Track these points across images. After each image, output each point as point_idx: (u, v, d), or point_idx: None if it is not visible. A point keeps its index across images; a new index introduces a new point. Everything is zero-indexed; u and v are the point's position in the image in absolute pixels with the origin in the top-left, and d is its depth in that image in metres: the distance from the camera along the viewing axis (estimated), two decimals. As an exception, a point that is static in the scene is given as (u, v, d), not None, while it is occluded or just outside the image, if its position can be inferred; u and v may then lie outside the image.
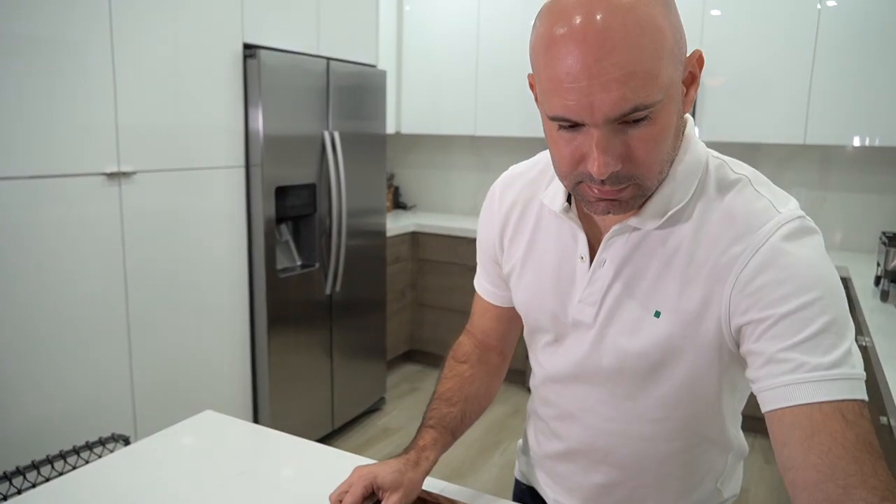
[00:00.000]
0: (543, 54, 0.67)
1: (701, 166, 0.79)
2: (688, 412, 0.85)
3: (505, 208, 0.95)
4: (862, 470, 0.62)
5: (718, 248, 0.74)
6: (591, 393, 0.90)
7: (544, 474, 1.07)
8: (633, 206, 0.74)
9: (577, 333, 0.88)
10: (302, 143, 2.75)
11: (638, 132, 0.67)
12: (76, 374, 2.02)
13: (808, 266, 0.69)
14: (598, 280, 0.84)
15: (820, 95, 3.07)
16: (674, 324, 0.78)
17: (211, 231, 2.47)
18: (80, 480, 1.07)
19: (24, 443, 1.88)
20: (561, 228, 0.89)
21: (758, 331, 0.70)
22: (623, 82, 0.63)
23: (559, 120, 0.68)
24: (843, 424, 0.64)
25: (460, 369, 1.05)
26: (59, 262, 1.95)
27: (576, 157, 0.70)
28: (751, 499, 2.70)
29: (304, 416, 2.92)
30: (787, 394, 0.67)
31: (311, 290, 2.90)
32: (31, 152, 1.85)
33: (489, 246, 0.99)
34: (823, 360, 0.66)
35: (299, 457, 1.16)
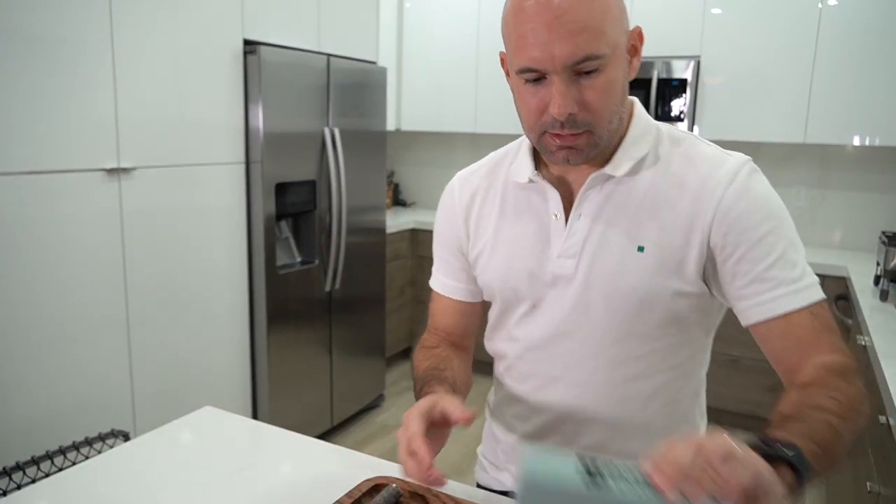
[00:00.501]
0: (513, 19, 0.81)
1: (652, 127, 0.93)
2: (670, 343, 0.92)
3: (466, 199, 1.03)
4: (821, 341, 0.82)
5: (689, 186, 0.87)
6: (576, 349, 0.93)
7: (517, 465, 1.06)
8: (589, 154, 0.85)
9: (556, 291, 0.93)
10: (302, 140, 2.75)
11: (590, 82, 0.80)
12: (75, 370, 2.02)
13: (769, 199, 0.86)
14: (575, 233, 0.91)
15: (820, 94, 3.07)
16: (658, 256, 0.87)
17: (211, 227, 2.47)
18: (80, 476, 1.07)
19: (24, 439, 1.88)
20: (530, 198, 0.96)
21: (738, 252, 0.84)
22: (576, 34, 0.77)
23: (526, 72, 0.81)
24: (811, 318, 0.83)
25: (434, 352, 1.04)
26: (58, 257, 1.95)
27: (540, 107, 0.83)
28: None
29: (304, 413, 2.92)
30: (772, 308, 0.84)
31: (310, 286, 2.89)
32: (30, 148, 1.85)
33: (452, 239, 1.05)
34: (792, 274, 0.84)
35: (298, 453, 1.16)
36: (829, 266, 2.94)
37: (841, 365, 0.81)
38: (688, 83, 3.26)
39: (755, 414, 3.19)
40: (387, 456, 1.07)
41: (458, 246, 1.04)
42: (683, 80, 3.26)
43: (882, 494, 1.50)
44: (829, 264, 2.95)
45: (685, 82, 3.26)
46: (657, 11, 3.34)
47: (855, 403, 0.76)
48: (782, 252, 0.84)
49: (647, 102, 3.33)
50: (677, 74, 3.28)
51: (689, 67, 3.25)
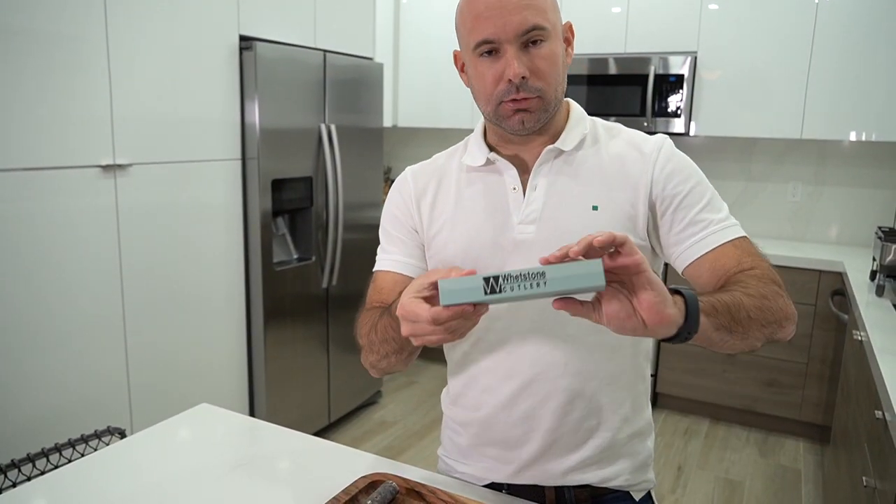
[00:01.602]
0: (467, 6, 0.95)
1: (587, 116, 1.07)
2: None
3: (420, 186, 1.10)
4: (742, 262, 0.94)
5: (626, 157, 1.01)
6: (543, 305, 0.96)
7: (490, 447, 1.07)
8: (540, 118, 0.96)
9: (519, 257, 1.00)
10: (298, 136, 2.74)
11: (537, 51, 0.93)
12: (71, 367, 2.02)
13: (688, 160, 1.02)
14: (533, 202, 1.01)
15: (817, 90, 3.07)
16: (611, 212, 0.98)
17: (207, 224, 2.47)
18: (76, 473, 1.07)
19: (20, 436, 1.87)
20: (486, 178, 1.05)
21: (675, 201, 0.98)
22: (524, 9, 0.91)
23: (483, 44, 0.93)
24: (734, 248, 0.96)
25: (380, 308, 1.04)
26: (53, 254, 1.94)
27: (497, 76, 0.94)
28: (746, 491, 2.71)
29: (301, 410, 2.92)
30: (703, 245, 0.97)
31: (307, 283, 2.89)
32: (25, 144, 1.84)
33: (405, 219, 1.10)
34: (719, 216, 0.98)
35: (295, 450, 1.16)
36: (825, 261, 2.95)
37: (757, 272, 0.91)
38: (685, 79, 3.25)
39: (752, 409, 3.20)
40: (384, 453, 1.07)
41: (412, 226, 1.10)
42: (680, 75, 3.26)
43: (878, 489, 1.51)
44: (826, 259, 2.96)
45: (682, 78, 3.26)
46: (654, 7, 3.34)
47: (763, 293, 0.87)
48: (710, 199, 0.99)
49: (644, 98, 3.33)
50: (674, 70, 3.28)
51: (686, 63, 3.24)
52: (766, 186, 3.53)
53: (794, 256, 3.01)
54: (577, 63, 3.48)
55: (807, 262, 2.98)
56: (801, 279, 3.00)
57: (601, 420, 1.02)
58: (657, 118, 3.34)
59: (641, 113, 3.35)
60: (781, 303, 0.89)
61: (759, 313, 0.85)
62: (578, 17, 3.51)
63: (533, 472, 1.04)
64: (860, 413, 1.89)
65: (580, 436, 1.02)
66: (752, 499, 2.66)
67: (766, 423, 3.25)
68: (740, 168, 3.58)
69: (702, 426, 3.30)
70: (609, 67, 3.41)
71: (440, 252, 1.06)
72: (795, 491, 2.73)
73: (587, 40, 3.50)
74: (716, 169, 3.62)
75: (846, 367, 2.44)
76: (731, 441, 3.15)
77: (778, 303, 0.88)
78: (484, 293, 0.70)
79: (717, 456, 3.00)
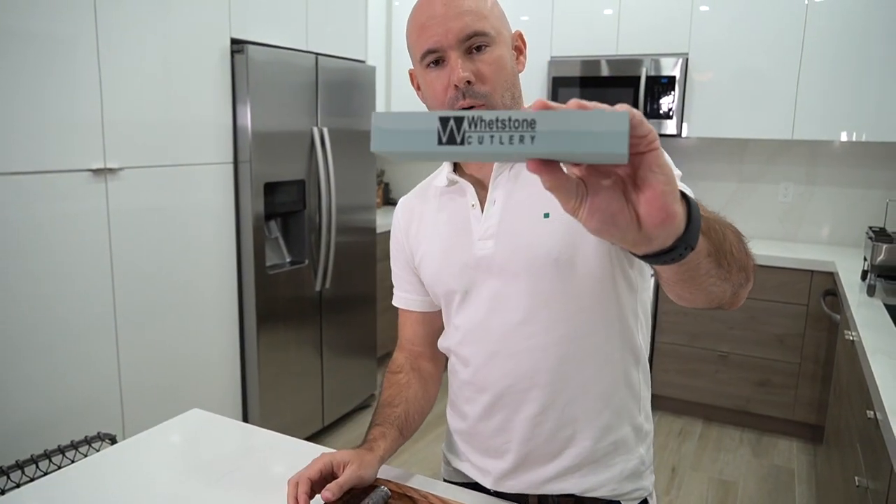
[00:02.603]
0: (412, 21, 0.97)
1: None
2: (596, 301, 0.98)
3: (406, 217, 1.15)
4: None
5: None
6: (509, 318, 1.00)
7: (476, 454, 1.10)
8: None
9: (482, 273, 1.01)
10: (290, 139, 2.74)
11: (481, 56, 0.94)
12: (62, 372, 2.00)
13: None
14: (491, 217, 1.01)
15: (808, 91, 3.08)
16: (564, 218, 0.92)
17: (199, 227, 2.45)
18: (65, 480, 1.06)
19: (10, 442, 1.86)
20: (452, 198, 1.07)
21: None
22: (464, 15, 0.93)
23: (428, 54, 0.95)
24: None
25: (396, 378, 1.15)
26: (44, 258, 1.93)
27: (444, 85, 0.95)
28: (740, 491, 2.72)
29: (294, 414, 2.91)
30: None
31: (300, 286, 2.88)
32: (15, 148, 1.83)
33: (401, 254, 1.16)
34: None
35: (287, 455, 1.16)
36: (816, 262, 2.96)
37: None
38: (676, 80, 3.27)
39: (745, 409, 3.21)
40: (376, 457, 1.06)
41: (407, 261, 1.15)
42: (672, 77, 3.27)
43: (870, 489, 1.51)
44: (817, 260, 2.97)
45: (674, 79, 3.27)
46: (645, 9, 3.35)
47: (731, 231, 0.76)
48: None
49: (636, 99, 3.34)
50: (666, 72, 3.29)
51: (678, 65, 3.26)
52: (757, 187, 3.54)
53: (785, 257, 3.02)
54: (569, 65, 3.49)
55: (798, 263, 2.99)
56: (792, 279, 3.01)
57: (576, 430, 1.01)
58: (649, 120, 3.35)
59: (633, 115, 3.35)
60: (747, 247, 0.78)
61: (738, 251, 0.74)
62: (570, 19, 3.52)
63: (514, 480, 1.05)
64: (852, 413, 1.90)
65: (556, 446, 1.02)
66: (746, 499, 2.67)
67: (760, 424, 3.26)
68: (732, 169, 3.59)
69: (695, 427, 3.31)
70: (601, 69, 3.42)
71: (425, 277, 1.11)
72: (789, 491, 2.74)
73: (579, 42, 3.51)
74: (708, 170, 3.64)
75: (838, 367, 2.45)
76: (724, 442, 3.16)
77: (746, 248, 0.78)
78: (438, 142, 0.48)
79: (710, 457, 3.01)
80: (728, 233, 0.73)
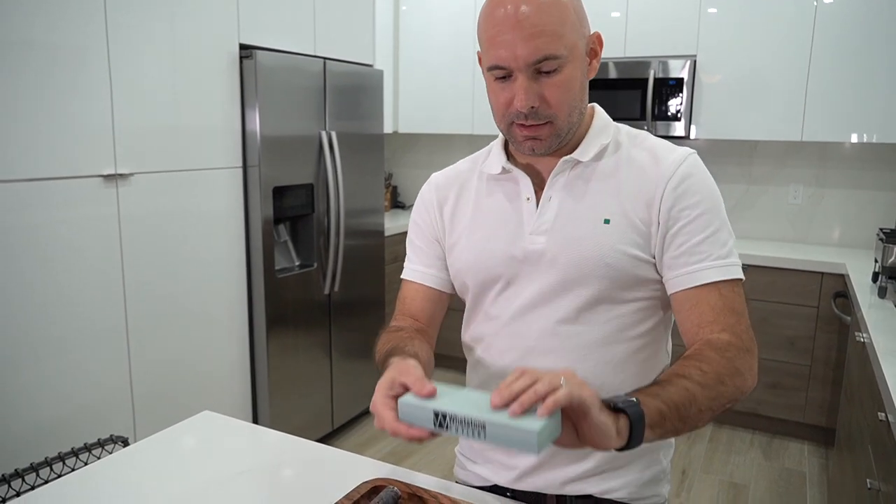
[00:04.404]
0: (484, 24, 0.93)
1: (611, 123, 1.06)
2: (638, 309, 1.00)
3: (442, 193, 1.12)
4: (717, 321, 0.92)
5: (645, 169, 0.98)
6: (550, 316, 1.00)
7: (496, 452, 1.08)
8: (551, 144, 0.96)
9: (530, 267, 1.01)
10: (299, 144, 2.75)
11: (549, 79, 0.91)
12: (74, 376, 2.02)
13: (709, 185, 0.99)
14: (546, 213, 1.01)
15: (817, 92, 3.07)
16: (622, 226, 0.97)
17: (209, 232, 2.47)
18: (79, 482, 1.07)
19: (23, 446, 1.87)
20: (504, 187, 1.06)
21: (677, 225, 0.95)
22: (536, 37, 0.88)
23: (495, 69, 0.92)
24: (719, 297, 0.93)
25: (398, 334, 1.05)
26: (56, 263, 1.95)
27: (507, 101, 0.94)
28: (750, 494, 2.70)
29: (304, 416, 2.92)
30: (688, 280, 0.94)
31: (309, 290, 2.90)
32: (27, 155, 1.85)
33: (429, 227, 1.13)
34: (719, 251, 0.94)
35: (298, 456, 1.16)
36: (827, 263, 2.95)
37: (723, 343, 0.90)
38: (684, 82, 3.26)
39: (756, 412, 3.19)
40: (387, 459, 1.07)
41: (434, 235, 1.12)
42: (680, 79, 3.27)
43: (882, 491, 1.50)
44: (828, 262, 2.95)
45: (682, 81, 3.27)
46: (653, 11, 3.35)
47: (721, 376, 0.85)
48: (714, 231, 0.95)
49: (644, 102, 3.34)
50: (674, 74, 3.28)
51: (686, 67, 3.25)
52: (767, 189, 3.53)
53: (795, 258, 3.01)
54: (576, 68, 3.49)
55: (809, 265, 2.98)
56: (802, 281, 2.99)
57: None
58: (657, 122, 3.35)
59: (641, 117, 3.35)
60: (739, 381, 0.88)
61: (710, 402, 0.84)
62: (577, 22, 3.52)
63: (533, 479, 1.05)
64: (863, 415, 1.89)
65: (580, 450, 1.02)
66: (757, 502, 2.65)
67: (771, 426, 3.24)
68: (741, 171, 3.58)
69: (706, 430, 3.29)
70: (609, 72, 3.42)
71: (457, 261, 1.08)
72: (800, 494, 2.72)
73: (586, 45, 3.50)
74: (717, 172, 3.60)
75: (849, 369, 2.43)
76: (735, 444, 3.14)
77: (735, 382, 0.87)
78: (433, 424, 0.74)
79: (721, 459, 3.00)
80: (699, 393, 0.82)
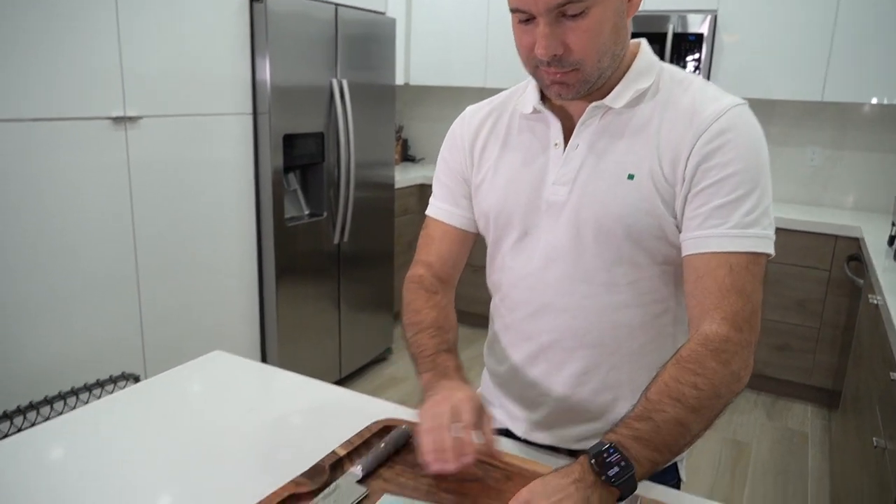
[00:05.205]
0: None
1: (656, 65, 0.96)
2: (659, 272, 0.94)
3: (474, 127, 1.06)
4: (722, 303, 0.84)
5: (682, 120, 0.89)
6: (568, 273, 0.96)
7: (509, 400, 1.08)
8: (580, 90, 0.89)
9: (549, 218, 0.96)
10: (310, 91, 2.71)
11: (574, 24, 0.83)
12: (86, 315, 2.03)
13: (751, 141, 0.88)
14: (571, 161, 0.95)
15: (841, 51, 2.98)
16: (646, 184, 0.89)
17: (219, 178, 2.46)
18: (91, 416, 1.08)
19: (37, 382, 1.90)
20: (534, 128, 1.00)
21: (701, 184, 0.86)
22: None
23: (516, 11, 0.85)
24: (728, 272, 0.84)
25: (437, 299, 1.05)
26: (68, 205, 1.94)
27: (530, 45, 0.87)
28: (753, 452, 2.73)
29: (312, 365, 2.94)
30: (703, 244, 0.86)
31: (318, 239, 2.89)
32: (35, 94, 1.83)
33: (457, 164, 1.08)
34: (745, 218, 0.85)
35: (310, 396, 1.17)
36: (842, 226, 2.91)
37: (721, 338, 0.83)
38: (704, 38, 3.18)
39: (762, 373, 3.20)
40: (396, 402, 1.07)
41: (462, 172, 1.07)
42: (699, 34, 3.18)
43: (888, 449, 1.51)
44: (842, 224, 2.92)
45: (701, 37, 3.18)
46: (675, -38, 3.24)
47: (717, 389, 0.81)
48: (743, 195, 0.85)
49: (662, 57, 3.26)
50: (693, 29, 3.20)
51: (706, 22, 3.16)
52: (784, 150, 3.47)
53: (809, 221, 2.97)
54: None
55: (823, 227, 2.94)
56: (816, 244, 2.96)
57: (618, 396, 0.98)
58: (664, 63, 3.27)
59: (659, 73, 3.28)
60: (735, 387, 0.83)
61: (704, 424, 0.81)
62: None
63: (546, 433, 1.04)
64: (873, 376, 1.89)
65: (594, 407, 1.00)
66: (759, 460, 2.68)
67: (776, 388, 3.26)
68: (758, 131, 3.51)
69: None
70: (627, 25, 3.33)
71: (481, 202, 1.04)
72: (802, 453, 2.75)
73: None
74: (733, 131, 3.56)
75: (860, 331, 2.42)
76: (739, 404, 3.16)
77: (732, 389, 0.83)
78: None
79: (724, 418, 3.02)
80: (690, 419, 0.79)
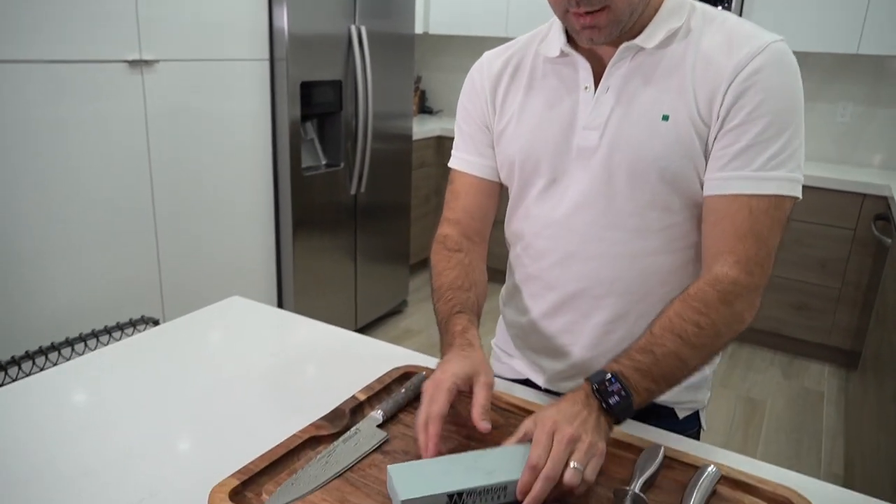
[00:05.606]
0: None
1: (687, 3, 0.92)
2: (689, 217, 0.92)
3: (494, 72, 1.02)
4: (737, 247, 0.84)
5: (716, 59, 0.86)
6: (597, 220, 0.93)
7: (530, 350, 1.07)
8: (613, 32, 0.85)
9: (579, 164, 0.93)
10: (328, 38, 2.65)
11: None
12: (105, 260, 2.05)
13: (784, 82, 0.84)
14: (602, 105, 0.91)
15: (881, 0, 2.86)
16: (682, 125, 0.86)
17: (235, 125, 2.43)
18: (110, 357, 1.09)
19: (57, 324, 1.93)
20: (561, 72, 0.96)
21: (731, 123, 0.84)
22: None
23: None
24: (747, 215, 0.84)
25: (459, 257, 1.03)
26: (85, 147, 1.93)
27: None
28: (767, 410, 2.73)
29: (328, 316, 2.95)
30: (724, 185, 0.85)
31: (335, 190, 2.87)
32: (49, 36, 1.79)
33: (479, 112, 1.04)
34: (772, 160, 0.83)
35: (329, 342, 1.17)
36: (870, 185, 2.84)
37: (730, 280, 0.84)
38: (736, -15, 3.05)
39: (779, 332, 3.18)
40: (412, 354, 1.06)
41: (484, 120, 1.04)
42: (732, -19, 3.06)
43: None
44: (871, 183, 2.84)
45: (734, -16, 3.06)
46: None
47: (718, 328, 0.83)
48: (770, 137, 0.83)
49: (692, 6, 3.14)
50: (726, -25, 3.07)
51: (740, -32, 3.03)
52: (814, 106, 3.36)
53: (836, 178, 2.90)
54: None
55: (850, 185, 2.87)
56: (842, 202, 2.90)
57: None
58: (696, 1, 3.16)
59: (687, 22, 3.17)
60: (737, 327, 0.85)
61: (702, 360, 0.84)
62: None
63: (571, 382, 1.03)
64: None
65: None
66: (773, 418, 2.68)
67: (793, 347, 3.24)
68: (788, 85, 3.40)
69: (726, 347, 3.30)
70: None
71: (506, 149, 1.00)
72: (817, 412, 2.74)
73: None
74: (761, 85, 3.45)
75: (884, 291, 2.38)
76: (755, 362, 3.15)
77: (733, 329, 0.85)
78: None
79: (740, 376, 3.01)
80: (688, 355, 0.81)
